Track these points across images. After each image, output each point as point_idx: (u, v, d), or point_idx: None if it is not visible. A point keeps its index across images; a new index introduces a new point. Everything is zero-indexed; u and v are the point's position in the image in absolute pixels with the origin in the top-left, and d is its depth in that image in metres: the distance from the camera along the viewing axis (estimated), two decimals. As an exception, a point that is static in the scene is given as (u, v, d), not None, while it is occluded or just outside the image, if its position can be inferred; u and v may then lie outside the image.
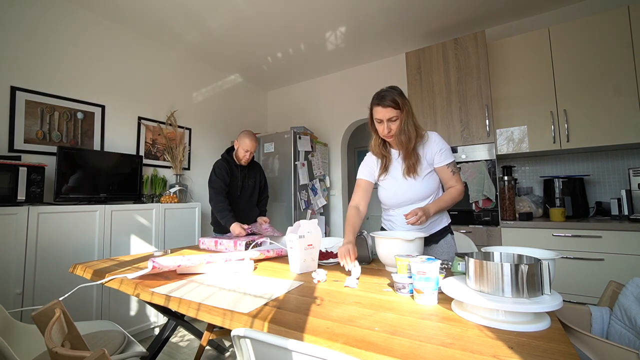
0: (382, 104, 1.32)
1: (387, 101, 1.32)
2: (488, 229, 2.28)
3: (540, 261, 0.74)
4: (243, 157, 2.20)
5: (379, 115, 1.35)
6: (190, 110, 3.28)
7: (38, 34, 2.21)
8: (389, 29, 2.84)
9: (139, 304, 2.29)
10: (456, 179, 1.40)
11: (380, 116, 1.34)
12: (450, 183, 1.40)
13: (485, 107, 2.34)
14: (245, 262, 1.29)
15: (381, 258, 1.25)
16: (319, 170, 3.48)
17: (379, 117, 1.35)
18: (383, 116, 1.33)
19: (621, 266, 1.87)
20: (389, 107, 1.32)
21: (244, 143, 2.17)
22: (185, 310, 0.90)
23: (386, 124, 1.34)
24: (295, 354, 0.59)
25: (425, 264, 0.85)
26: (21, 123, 2.11)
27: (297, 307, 0.84)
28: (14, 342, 1.14)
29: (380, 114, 1.34)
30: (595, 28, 2.15)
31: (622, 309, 0.96)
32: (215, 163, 2.24)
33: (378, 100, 1.34)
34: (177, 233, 2.60)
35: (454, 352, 0.59)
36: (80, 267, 1.34)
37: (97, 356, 0.56)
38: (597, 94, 2.14)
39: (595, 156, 2.43)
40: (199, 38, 2.94)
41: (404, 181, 1.41)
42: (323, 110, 3.86)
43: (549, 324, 0.70)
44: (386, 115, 1.33)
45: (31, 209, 1.82)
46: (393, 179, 1.45)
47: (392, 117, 1.33)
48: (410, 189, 1.41)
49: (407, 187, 1.41)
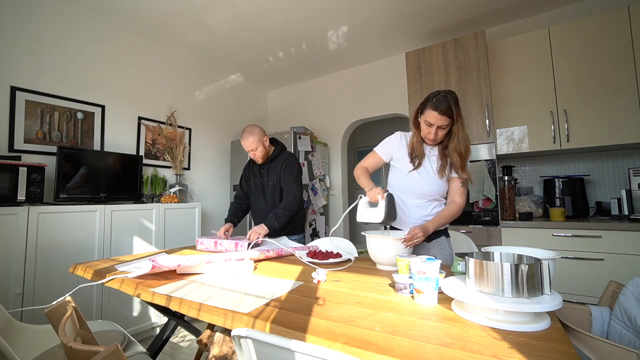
0: (439, 109, 1.28)
1: (444, 108, 1.27)
2: (488, 229, 2.28)
3: (540, 261, 0.74)
4: (253, 157, 2.00)
5: (431, 120, 1.31)
6: (190, 110, 3.28)
7: (38, 34, 2.21)
8: (389, 29, 2.84)
9: (139, 304, 2.29)
10: (461, 193, 1.41)
11: (432, 121, 1.31)
12: (455, 196, 1.41)
13: (485, 107, 2.34)
14: (245, 262, 1.29)
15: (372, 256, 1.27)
16: (319, 170, 3.48)
17: (430, 121, 1.31)
18: (435, 121, 1.30)
19: (621, 266, 1.87)
20: (445, 115, 1.28)
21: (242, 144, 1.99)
22: (187, 311, 0.90)
23: (435, 129, 1.32)
24: (296, 354, 0.59)
25: (425, 264, 0.85)
26: (21, 123, 2.11)
27: (298, 307, 0.84)
28: (14, 342, 1.14)
29: (433, 118, 1.30)
30: (595, 28, 2.15)
31: (622, 308, 0.96)
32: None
33: (436, 104, 1.28)
34: (177, 233, 2.60)
35: (454, 352, 0.59)
36: (80, 267, 1.34)
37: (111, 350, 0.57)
38: (597, 94, 2.14)
39: (595, 156, 2.43)
40: (200, 38, 2.94)
41: (435, 177, 1.41)
42: (323, 110, 3.86)
43: (549, 323, 0.70)
44: (440, 122, 1.30)
45: (31, 209, 1.82)
46: (426, 173, 1.44)
47: (444, 125, 1.31)
48: (440, 185, 1.42)
49: (438, 183, 1.42)
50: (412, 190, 1.45)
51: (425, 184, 1.42)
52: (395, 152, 1.51)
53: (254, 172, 2.08)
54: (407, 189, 1.46)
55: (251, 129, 1.95)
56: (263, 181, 2.03)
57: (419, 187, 1.43)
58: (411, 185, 1.44)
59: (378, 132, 5.10)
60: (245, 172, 2.14)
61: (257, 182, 2.06)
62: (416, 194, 1.44)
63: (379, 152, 1.55)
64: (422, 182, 1.43)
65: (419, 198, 1.44)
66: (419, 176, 1.43)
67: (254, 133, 1.93)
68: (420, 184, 1.43)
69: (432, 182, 1.41)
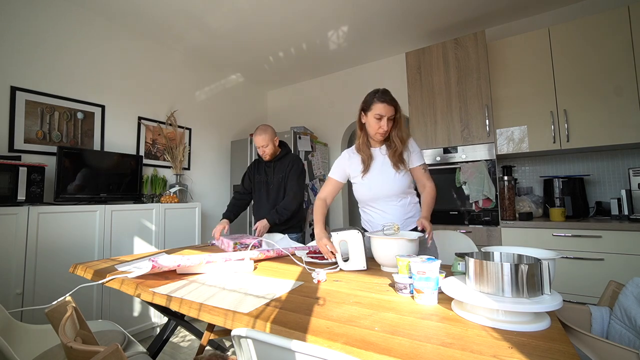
0: (386, 100, 1.37)
1: (389, 99, 1.37)
2: (488, 229, 2.28)
3: (540, 261, 0.74)
4: (262, 153, 2.10)
5: (381, 112, 1.38)
6: (190, 110, 3.28)
7: (38, 34, 2.21)
8: (389, 29, 2.84)
9: (139, 304, 2.29)
10: (427, 177, 1.49)
11: (382, 112, 1.38)
12: (423, 181, 1.48)
13: (485, 107, 2.34)
14: (245, 262, 1.29)
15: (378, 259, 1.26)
16: (319, 170, 3.48)
17: (380, 113, 1.38)
18: (386, 112, 1.37)
19: (621, 266, 1.87)
20: (393, 105, 1.38)
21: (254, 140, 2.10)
22: (187, 311, 0.90)
23: (386, 120, 1.38)
24: (296, 354, 0.59)
25: (425, 264, 0.85)
26: (21, 123, 2.11)
27: (298, 307, 0.84)
28: (14, 342, 1.14)
29: (382, 110, 1.38)
30: (595, 28, 2.15)
31: (622, 308, 0.96)
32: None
33: (382, 96, 1.38)
34: (177, 233, 2.60)
35: (454, 352, 0.59)
36: (80, 267, 1.34)
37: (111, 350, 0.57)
38: (597, 94, 2.14)
39: (595, 156, 2.43)
40: (200, 38, 2.94)
41: (395, 173, 1.44)
42: (323, 110, 3.86)
43: (549, 323, 0.70)
44: (388, 112, 1.37)
45: (31, 209, 1.82)
46: (379, 173, 1.47)
47: (391, 115, 1.39)
48: (397, 180, 1.45)
49: (394, 179, 1.45)
50: (379, 193, 1.46)
51: (387, 181, 1.45)
52: (347, 168, 1.54)
53: (259, 171, 2.18)
54: (374, 196, 1.48)
55: (265, 127, 2.08)
56: (268, 179, 2.14)
57: (382, 187, 1.45)
58: (376, 189, 1.46)
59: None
60: (249, 170, 2.25)
61: (261, 179, 2.16)
62: (384, 196, 1.46)
63: (333, 176, 1.56)
64: (383, 181, 1.45)
65: (390, 200, 1.46)
66: (379, 177, 1.46)
67: (267, 131, 2.06)
68: (382, 183, 1.45)
69: (392, 179, 1.44)
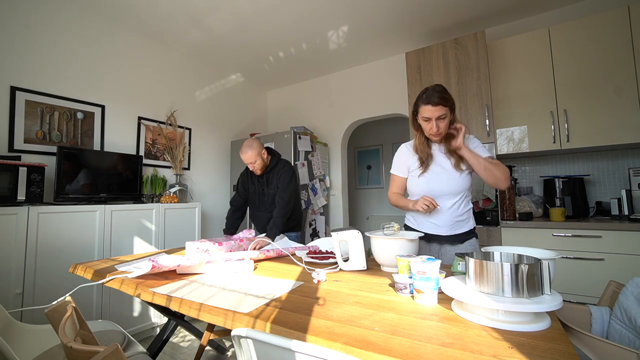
0: (431, 102, 1.32)
1: (436, 100, 1.32)
2: (488, 229, 2.28)
3: (540, 261, 0.74)
4: (252, 169, 2.09)
5: (428, 114, 1.35)
6: (190, 110, 3.28)
7: (38, 34, 2.21)
8: (390, 29, 2.84)
9: (139, 304, 2.29)
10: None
11: (429, 114, 1.34)
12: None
13: (485, 107, 2.34)
14: (245, 262, 1.29)
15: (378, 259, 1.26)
16: (319, 170, 3.48)
17: (427, 115, 1.35)
18: (432, 114, 1.34)
19: (621, 266, 1.87)
20: (439, 105, 1.32)
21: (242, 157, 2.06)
22: (187, 311, 0.90)
23: (435, 122, 1.35)
24: (296, 354, 0.59)
25: (425, 264, 0.85)
26: (21, 123, 2.11)
27: (298, 307, 0.84)
28: (14, 342, 1.14)
29: (429, 112, 1.34)
30: (595, 28, 2.15)
31: (622, 308, 0.96)
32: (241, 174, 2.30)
33: (427, 98, 1.34)
34: (177, 233, 2.60)
35: (454, 352, 0.59)
36: (80, 267, 1.34)
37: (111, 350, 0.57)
38: (597, 94, 2.14)
39: (595, 156, 2.43)
40: (200, 38, 2.94)
41: (454, 173, 1.42)
42: (323, 110, 3.86)
43: (549, 323, 0.70)
44: (436, 114, 1.33)
45: (31, 209, 1.82)
46: (441, 170, 1.44)
47: (442, 115, 1.34)
48: (455, 180, 1.42)
49: (453, 179, 1.42)
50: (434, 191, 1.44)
51: (444, 180, 1.42)
52: (408, 162, 1.53)
53: (254, 182, 2.19)
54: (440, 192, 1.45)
55: (250, 142, 2.03)
56: (263, 190, 2.15)
57: (438, 186, 1.43)
58: (432, 186, 1.44)
59: (378, 132, 5.09)
60: (243, 179, 2.26)
61: (257, 190, 2.17)
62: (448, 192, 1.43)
63: (396, 172, 1.56)
64: (440, 180, 1.43)
65: (446, 198, 1.43)
66: (436, 175, 1.44)
67: (252, 147, 2.01)
68: (437, 182, 1.43)
69: (451, 178, 1.42)
